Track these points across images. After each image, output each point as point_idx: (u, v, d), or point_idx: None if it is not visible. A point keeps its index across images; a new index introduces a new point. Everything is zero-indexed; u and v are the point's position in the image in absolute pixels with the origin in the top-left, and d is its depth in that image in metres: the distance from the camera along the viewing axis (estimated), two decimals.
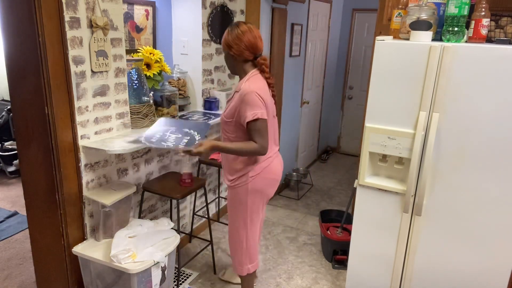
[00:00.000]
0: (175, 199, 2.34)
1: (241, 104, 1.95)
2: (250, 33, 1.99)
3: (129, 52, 2.76)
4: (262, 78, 2.05)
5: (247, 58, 2.03)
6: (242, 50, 1.99)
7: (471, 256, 2.03)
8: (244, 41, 1.98)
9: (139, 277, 2.02)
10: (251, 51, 2.01)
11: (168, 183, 2.50)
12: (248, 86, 1.95)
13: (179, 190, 2.40)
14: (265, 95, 2.00)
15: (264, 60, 2.06)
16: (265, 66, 2.06)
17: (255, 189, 2.11)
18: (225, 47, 2.05)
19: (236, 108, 1.98)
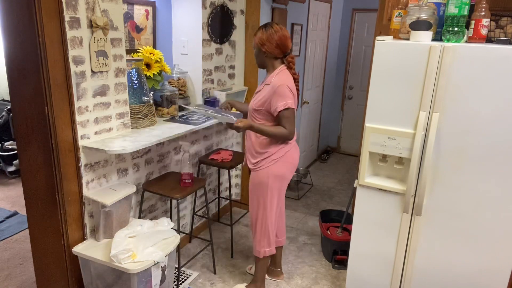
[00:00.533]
0: (175, 199, 2.34)
1: (273, 95, 2.18)
2: (281, 33, 2.22)
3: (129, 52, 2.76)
4: (289, 74, 2.27)
5: (277, 56, 2.25)
6: (274, 48, 2.22)
7: (471, 256, 2.02)
8: (276, 40, 2.21)
9: (139, 277, 2.02)
10: (282, 49, 2.24)
11: (168, 183, 2.50)
12: (279, 79, 2.19)
13: (179, 190, 2.40)
14: (293, 88, 2.23)
15: (292, 58, 2.29)
16: (292, 64, 2.29)
17: (276, 172, 2.30)
18: (258, 44, 2.26)
19: (267, 99, 2.21)
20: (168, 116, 2.78)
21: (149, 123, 2.49)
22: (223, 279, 2.76)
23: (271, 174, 2.30)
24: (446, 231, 2.05)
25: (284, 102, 2.16)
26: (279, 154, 2.29)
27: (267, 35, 2.22)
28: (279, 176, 2.32)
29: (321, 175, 4.89)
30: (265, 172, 2.30)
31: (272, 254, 2.50)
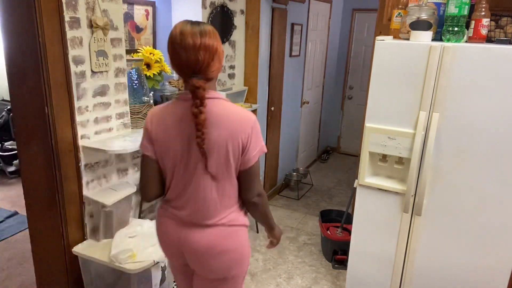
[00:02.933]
0: None
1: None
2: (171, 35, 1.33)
3: (129, 52, 2.76)
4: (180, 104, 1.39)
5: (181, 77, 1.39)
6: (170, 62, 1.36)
7: (471, 256, 2.02)
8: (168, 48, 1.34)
9: (139, 277, 2.02)
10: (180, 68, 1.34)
11: None
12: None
13: None
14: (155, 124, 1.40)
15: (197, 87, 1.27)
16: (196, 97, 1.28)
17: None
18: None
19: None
20: None
21: None
22: None
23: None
24: (446, 231, 2.05)
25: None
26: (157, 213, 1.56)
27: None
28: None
29: (321, 175, 4.89)
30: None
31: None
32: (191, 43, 1.27)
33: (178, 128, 1.37)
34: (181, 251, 1.48)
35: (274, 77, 3.70)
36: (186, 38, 1.27)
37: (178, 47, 1.29)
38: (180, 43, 1.28)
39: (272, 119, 3.77)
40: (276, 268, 2.91)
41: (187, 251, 1.47)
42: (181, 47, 1.28)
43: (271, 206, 3.90)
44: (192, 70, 1.30)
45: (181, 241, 1.46)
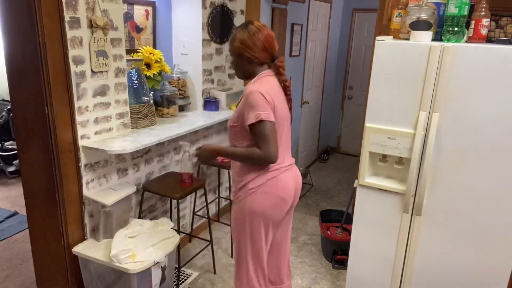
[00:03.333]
0: (175, 199, 2.34)
1: (245, 105, 1.71)
2: (267, 31, 1.77)
3: (129, 52, 2.76)
4: (273, 80, 1.80)
5: (264, 61, 1.79)
6: (260, 51, 1.76)
7: (471, 256, 2.02)
8: (262, 40, 1.74)
9: (139, 277, 2.02)
10: (269, 52, 1.78)
11: (168, 183, 2.50)
12: (252, 86, 1.73)
13: (179, 190, 2.40)
14: (275, 98, 1.73)
15: (281, 62, 1.82)
16: (282, 69, 1.82)
17: (252, 207, 1.78)
18: (239, 48, 1.77)
19: (241, 111, 1.73)
20: (168, 116, 2.78)
21: (149, 123, 2.49)
22: (223, 279, 2.76)
23: (247, 209, 1.79)
24: (446, 231, 2.05)
25: (256, 113, 1.65)
26: (258, 181, 1.76)
27: (250, 36, 1.74)
28: (256, 213, 1.78)
29: (321, 175, 4.89)
30: (240, 206, 1.82)
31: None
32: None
33: (281, 96, 1.81)
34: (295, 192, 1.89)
35: None
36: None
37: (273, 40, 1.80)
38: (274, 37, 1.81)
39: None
40: None
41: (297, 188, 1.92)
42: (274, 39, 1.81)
43: None
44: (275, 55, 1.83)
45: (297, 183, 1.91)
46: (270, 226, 1.85)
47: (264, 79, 1.78)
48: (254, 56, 1.76)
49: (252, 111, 1.67)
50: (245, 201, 1.81)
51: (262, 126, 1.67)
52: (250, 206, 1.79)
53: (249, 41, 1.75)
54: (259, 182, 1.77)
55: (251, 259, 1.88)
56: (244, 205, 1.81)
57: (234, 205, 1.90)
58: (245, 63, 1.80)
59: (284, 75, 1.84)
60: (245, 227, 1.84)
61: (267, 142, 1.67)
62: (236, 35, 1.78)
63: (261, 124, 1.67)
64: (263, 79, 1.78)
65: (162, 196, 2.50)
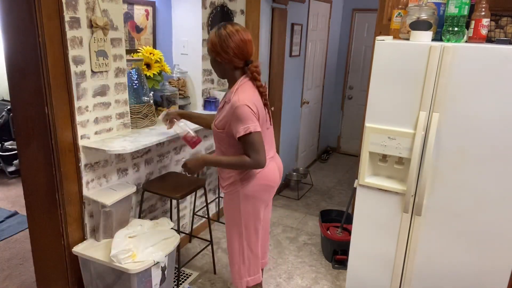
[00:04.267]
0: (175, 199, 2.34)
1: (232, 117, 1.78)
2: (239, 37, 1.77)
3: (129, 52, 2.76)
4: (252, 86, 1.85)
5: (237, 66, 1.83)
6: (230, 57, 1.79)
7: (471, 256, 2.03)
8: (232, 47, 1.76)
9: (139, 277, 2.02)
10: (241, 57, 1.80)
11: (168, 183, 2.50)
12: (237, 99, 1.77)
13: (179, 190, 2.40)
14: (257, 105, 1.82)
15: (256, 67, 1.84)
16: (257, 74, 1.84)
17: (247, 195, 1.95)
18: (210, 52, 1.84)
19: (227, 121, 1.82)
20: None
21: (149, 123, 2.49)
22: (223, 279, 2.76)
23: (242, 198, 1.95)
24: (446, 231, 2.05)
25: (244, 125, 1.75)
26: (250, 174, 1.92)
27: (220, 41, 1.77)
28: (251, 199, 1.96)
29: (321, 175, 4.89)
30: (235, 196, 1.96)
31: (257, 283, 2.14)
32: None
33: (260, 100, 1.87)
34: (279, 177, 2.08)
35: (274, 77, 3.69)
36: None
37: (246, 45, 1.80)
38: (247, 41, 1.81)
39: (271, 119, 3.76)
40: (276, 268, 2.91)
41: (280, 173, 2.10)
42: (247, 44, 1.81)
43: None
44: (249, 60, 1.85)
45: (280, 169, 2.11)
46: (262, 208, 2.04)
47: (244, 86, 1.84)
48: (225, 61, 1.81)
49: (240, 124, 1.76)
50: (237, 192, 1.95)
51: (251, 138, 1.77)
52: (245, 193, 1.95)
53: (218, 47, 1.79)
54: (251, 175, 1.93)
55: (247, 244, 2.05)
56: (239, 194, 1.95)
57: (226, 195, 2.03)
58: (218, 66, 1.87)
59: (259, 80, 1.86)
60: (240, 212, 1.98)
61: (257, 151, 1.79)
62: (210, 37, 1.83)
63: (250, 136, 1.77)
64: (244, 87, 1.83)
65: (162, 196, 2.50)
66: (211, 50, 1.83)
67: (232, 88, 1.86)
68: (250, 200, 1.96)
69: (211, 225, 2.89)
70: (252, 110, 1.77)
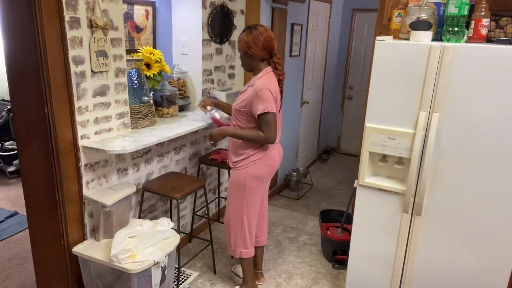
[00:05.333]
0: (175, 199, 2.34)
1: (254, 97, 2.15)
2: (267, 34, 2.20)
3: (129, 52, 2.76)
4: (274, 76, 2.25)
5: (264, 57, 2.23)
6: (260, 50, 2.20)
7: (471, 256, 2.03)
8: (262, 42, 2.18)
9: (139, 277, 2.02)
10: (268, 50, 2.22)
11: (168, 183, 2.50)
12: (262, 83, 2.16)
13: (179, 190, 2.40)
14: (276, 92, 2.21)
15: (278, 59, 2.26)
16: (278, 65, 2.26)
17: (254, 173, 2.29)
18: (243, 47, 2.22)
19: (250, 101, 2.18)
20: (168, 116, 2.78)
21: (149, 123, 2.49)
22: (223, 279, 2.76)
23: (249, 175, 2.29)
24: (446, 231, 2.05)
25: (264, 105, 2.12)
26: (258, 155, 2.27)
27: (252, 38, 2.18)
28: (256, 177, 2.30)
29: (321, 175, 4.89)
30: (243, 172, 2.29)
31: (249, 256, 2.47)
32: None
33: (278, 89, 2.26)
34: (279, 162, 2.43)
35: None
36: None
37: (272, 40, 2.22)
38: (273, 38, 2.23)
39: None
40: (276, 268, 2.91)
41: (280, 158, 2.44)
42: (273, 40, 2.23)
43: (271, 206, 3.90)
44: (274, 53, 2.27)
45: (280, 155, 2.43)
46: (264, 188, 2.43)
47: (268, 75, 2.23)
48: (255, 53, 2.21)
49: (261, 104, 2.13)
50: (247, 169, 2.29)
51: (268, 116, 2.15)
52: (252, 171, 2.29)
53: (251, 42, 2.19)
54: (259, 156, 2.29)
55: (246, 217, 2.38)
56: (246, 171, 2.29)
57: (234, 171, 2.35)
58: (248, 58, 2.26)
59: (279, 70, 2.27)
60: (245, 188, 2.32)
61: (270, 128, 2.17)
62: (243, 36, 2.23)
63: (267, 115, 2.14)
64: (268, 75, 2.23)
65: (162, 196, 2.50)
66: (244, 46, 2.21)
67: (257, 75, 2.24)
68: (256, 179, 2.31)
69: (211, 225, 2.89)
70: (272, 94, 2.15)
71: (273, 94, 2.16)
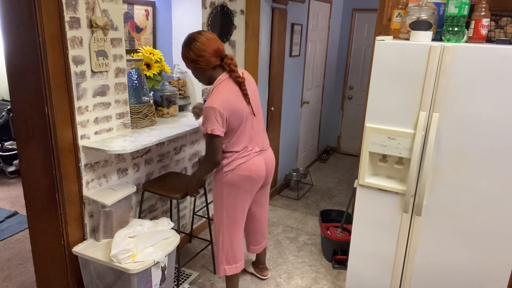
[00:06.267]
0: (175, 199, 2.34)
1: (203, 116, 2.03)
2: (207, 40, 2.03)
3: (129, 52, 2.76)
4: (230, 82, 2.06)
5: (215, 64, 2.06)
6: (207, 59, 2.02)
7: (471, 256, 2.03)
8: (207, 50, 2.01)
9: (139, 277, 2.02)
10: (215, 55, 2.04)
11: (168, 183, 2.50)
12: (210, 100, 1.99)
13: (179, 190, 2.40)
14: (231, 104, 2.01)
15: (231, 59, 2.07)
16: (233, 66, 2.07)
17: (229, 182, 2.17)
18: (190, 64, 2.08)
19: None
20: (168, 116, 2.78)
21: (149, 123, 2.49)
22: (223, 279, 2.76)
23: (225, 184, 2.18)
24: (446, 231, 2.05)
25: (205, 126, 1.98)
26: (231, 166, 2.14)
27: (195, 50, 2.02)
28: (232, 185, 2.17)
29: (321, 175, 4.89)
30: (219, 183, 2.20)
31: (233, 273, 2.35)
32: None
33: (239, 97, 2.06)
34: (266, 172, 2.25)
35: (274, 77, 3.70)
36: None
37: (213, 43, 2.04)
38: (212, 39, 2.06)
39: (272, 119, 3.77)
40: (276, 268, 2.91)
41: (268, 169, 2.27)
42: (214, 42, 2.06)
43: (271, 206, 3.90)
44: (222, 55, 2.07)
45: (268, 164, 2.26)
46: (246, 199, 2.25)
47: (222, 85, 2.05)
48: (204, 64, 2.04)
49: (205, 124, 2.00)
50: (222, 180, 2.18)
51: (208, 138, 2.03)
52: (226, 181, 2.17)
53: (194, 55, 2.03)
54: (232, 166, 2.14)
55: (227, 232, 2.27)
56: (222, 182, 2.18)
57: (213, 183, 2.26)
58: (201, 72, 2.10)
59: (236, 72, 2.07)
60: (223, 198, 2.21)
61: (212, 151, 2.05)
62: (183, 54, 2.09)
63: (208, 137, 2.02)
64: (221, 86, 2.05)
65: (162, 196, 2.50)
66: (190, 62, 2.06)
67: (211, 87, 2.08)
68: (232, 188, 2.18)
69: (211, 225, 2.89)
70: (219, 113, 1.96)
71: (220, 111, 1.95)
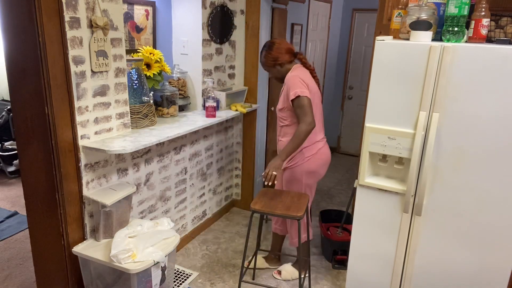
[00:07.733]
0: (299, 219, 2.18)
1: (286, 88, 2.32)
2: (282, 41, 2.49)
3: (129, 52, 2.76)
4: (303, 68, 2.46)
5: (290, 60, 2.47)
6: (284, 55, 2.44)
7: (471, 255, 2.03)
8: (284, 49, 2.44)
9: (139, 277, 2.02)
10: (291, 52, 2.47)
11: (277, 202, 2.30)
12: (289, 74, 2.37)
13: (296, 208, 2.22)
14: (307, 80, 2.35)
15: (301, 54, 2.53)
16: (304, 59, 2.51)
17: (310, 169, 2.45)
18: (272, 63, 2.46)
19: (284, 95, 2.35)
20: (168, 116, 2.78)
21: (149, 123, 2.49)
22: (223, 279, 2.76)
23: (305, 171, 2.43)
24: (446, 231, 2.05)
25: (294, 91, 2.23)
26: (312, 151, 2.42)
27: (275, 51, 2.42)
28: (312, 173, 2.46)
29: None
30: (299, 169, 2.44)
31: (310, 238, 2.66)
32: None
33: (311, 79, 2.44)
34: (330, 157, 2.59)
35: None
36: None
37: (287, 44, 2.50)
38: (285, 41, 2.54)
39: (272, 119, 3.77)
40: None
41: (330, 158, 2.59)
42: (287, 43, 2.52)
43: None
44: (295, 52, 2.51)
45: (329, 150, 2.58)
46: (316, 181, 2.58)
47: (296, 69, 2.43)
48: (283, 61, 2.45)
49: (291, 90, 2.26)
50: (302, 165, 2.44)
51: (300, 100, 2.23)
52: (308, 167, 2.44)
53: (275, 54, 2.44)
54: (313, 151, 2.43)
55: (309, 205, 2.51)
56: (303, 168, 2.44)
57: (290, 169, 2.47)
58: (278, 69, 2.48)
59: (307, 63, 2.51)
60: (302, 184, 2.48)
61: (305, 113, 2.22)
62: (266, 55, 2.47)
63: (299, 99, 2.23)
64: (295, 69, 2.43)
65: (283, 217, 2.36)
66: (272, 60, 2.44)
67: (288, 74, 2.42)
68: (312, 175, 2.48)
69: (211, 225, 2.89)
70: (303, 80, 2.28)
71: (303, 80, 2.28)
